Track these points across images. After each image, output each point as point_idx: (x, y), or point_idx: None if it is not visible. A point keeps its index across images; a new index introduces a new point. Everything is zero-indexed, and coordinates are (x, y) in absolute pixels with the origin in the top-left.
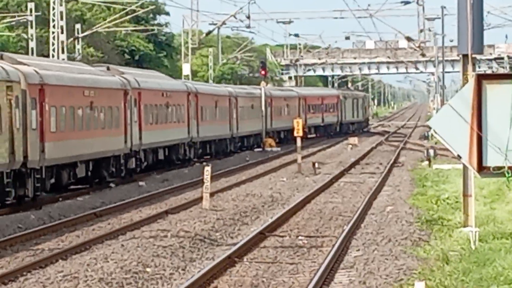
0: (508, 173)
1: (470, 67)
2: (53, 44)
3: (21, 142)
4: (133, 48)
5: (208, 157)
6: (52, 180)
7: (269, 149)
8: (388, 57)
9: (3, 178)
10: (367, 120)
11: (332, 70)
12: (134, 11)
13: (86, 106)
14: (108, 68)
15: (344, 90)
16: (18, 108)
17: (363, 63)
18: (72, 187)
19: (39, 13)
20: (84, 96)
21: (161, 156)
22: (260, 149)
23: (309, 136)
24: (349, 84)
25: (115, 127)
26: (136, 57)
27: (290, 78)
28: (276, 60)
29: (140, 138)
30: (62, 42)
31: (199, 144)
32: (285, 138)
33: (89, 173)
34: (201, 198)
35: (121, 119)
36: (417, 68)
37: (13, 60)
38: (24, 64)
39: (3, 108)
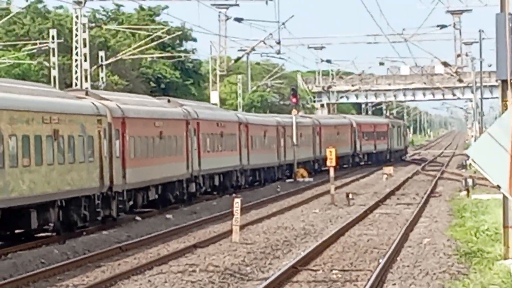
0: None
1: (509, 93)
2: (76, 72)
3: (108, 168)
4: (159, 75)
5: (257, 183)
6: (131, 203)
7: (301, 179)
8: (424, 83)
9: (95, 199)
10: (406, 148)
11: (366, 97)
12: (160, 37)
13: (156, 136)
14: (168, 101)
15: (391, 119)
16: (105, 139)
17: (398, 89)
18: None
19: (62, 40)
20: (155, 127)
21: (216, 182)
22: (291, 180)
23: (361, 163)
24: (387, 112)
25: (179, 154)
26: (162, 85)
27: (322, 105)
28: (308, 87)
29: (199, 164)
30: (86, 70)
31: (249, 171)
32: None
33: (158, 196)
34: (230, 231)
35: (184, 147)
36: (454, 94)
37: (97, 96)
38: (107, 99)
39: (94, 139)
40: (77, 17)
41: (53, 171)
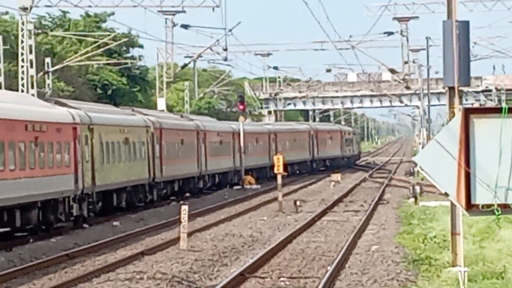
0: (497, 211)
1: (456, 100)
2: (22, 79)
3: (152, 165)
4: (106, 82)
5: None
6: (165, 191)
7: (248, 186)
8: (372, 90)
9: (145, 187)
10: (360, 154)
11: (314, 104)
12: (107, 44)
13: (179, 142)
14: (181, 116)
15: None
16: (151, 144)
17: (346, 96)
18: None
19: (7, 47)
20: (179, 135)
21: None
22: (239, 187)
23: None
24: (333, 119)
25: (193, 156)
26: (109, 92)
27: (269, 112)
28: (255, 94)
29: (206, 165)
30: (32, 76)
31: (244, 171)
32: (330, 166)
33: (178, 189)
34: (178, 238)
35: (195, 152)
36: (401, 101)
37: (141, 112)
38: (149, 115)
39: (145, 143)
40: (23, 23)
41: (125, 165)
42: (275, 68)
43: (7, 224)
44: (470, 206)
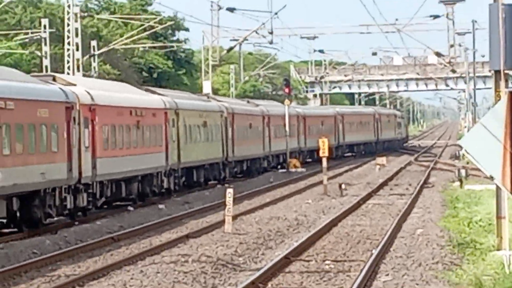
0: None
1: (502, 83)
2: (68, 62)
3: (225, 146)
4: (151, 65)
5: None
6: (235, 169)
7: (293, 170)
8: (417, 74)
9: (220, 165)
10: (407, 137)
11: (359, 87)
12: (152, 27)
13: (248, 126)
14: (248, 101)
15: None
16: (224, 127)
17: (391, 80)
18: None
19: (54, 30)
20: (248, 120)
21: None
22: (284, 170)
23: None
24: (378, 102)
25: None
26: (155, 75)
27: (315, 96)
28: (300, 77)
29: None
30: (78, 59)
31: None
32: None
33: (247, 168)
34: (223, 222)
35: (261, 134)
36: (447, 85)
37: (215, 99)
38: (222, 101)
39: (220, 127)
40: (69, 6)
41: (204, 145)
42: (321, 51)
43: (115, 194)
44: None
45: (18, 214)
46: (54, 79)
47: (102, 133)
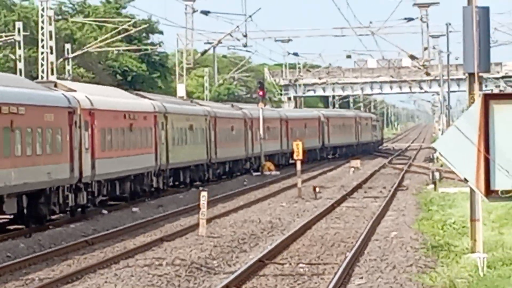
0: None
1: (476, 86)
2: (42, 65)
3: (209, 148)
4: (126, 68)
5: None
6: (218, 171)
7: (268, 173)
8: (391, 76)
9: (204, 166)
10: (382, 140)
11: (333, 90)
12: (127, 30)
13: (230, 128)
14: (232, 105)
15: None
16: (208, 130)
17: (365, 82)
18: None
19: (28, 33)
20: (230, 123)
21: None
22: (258, 173)
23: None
24: (352, 105)
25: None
26: (129, 78)
27: (289, 98)
28: (275, 80)
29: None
30: (52, 62)
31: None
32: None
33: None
34: (197, 225)
35: (243, 137)
36: (421, 88)
37: (198, 103)
38: (205, 105)
39: (204, 130)
40: (43, 9)
41: (190, 147)
42: (295, 54)
43: (109, 193)
44: (489, 192)
45: (25, 211)
46: (55, 85)
47: (100, 136)
